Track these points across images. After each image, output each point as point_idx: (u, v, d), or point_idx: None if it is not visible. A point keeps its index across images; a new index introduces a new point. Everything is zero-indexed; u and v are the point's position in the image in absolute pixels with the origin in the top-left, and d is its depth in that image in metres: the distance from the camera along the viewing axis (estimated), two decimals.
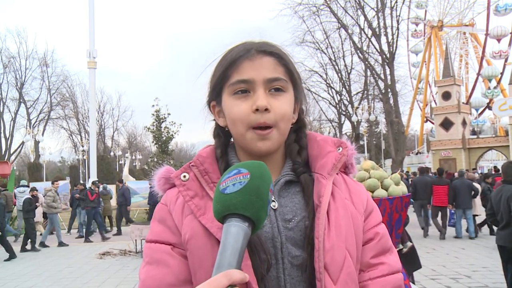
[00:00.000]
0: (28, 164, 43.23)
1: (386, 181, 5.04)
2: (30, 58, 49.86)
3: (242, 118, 1.03)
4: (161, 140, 18.88)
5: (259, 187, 0.80)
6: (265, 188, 0.81)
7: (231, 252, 0.74)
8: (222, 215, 0.80)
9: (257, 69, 1.03)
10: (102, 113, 56.92)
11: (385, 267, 1.08)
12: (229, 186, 0.80)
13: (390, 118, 34.45)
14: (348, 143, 1.15)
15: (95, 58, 23.66)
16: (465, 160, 35.78)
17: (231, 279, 0.69)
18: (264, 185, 0.81)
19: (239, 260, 0.74)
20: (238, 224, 0.77)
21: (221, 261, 0.73)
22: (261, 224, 0.81)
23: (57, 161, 66.76)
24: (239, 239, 0.76)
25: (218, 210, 0.81)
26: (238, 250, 0.74)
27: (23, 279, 9.12)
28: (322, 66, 42.56)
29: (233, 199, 0.78)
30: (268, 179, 0.82)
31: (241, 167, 0.83)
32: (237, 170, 0.82)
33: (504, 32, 44.10)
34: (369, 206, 1.14)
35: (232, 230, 0.77)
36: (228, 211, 0.79)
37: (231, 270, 0.71)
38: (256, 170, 0.82)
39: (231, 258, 0.73)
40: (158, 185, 1.15)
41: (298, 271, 1.00)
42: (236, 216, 0.78)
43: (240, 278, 0.70)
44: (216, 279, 0.69)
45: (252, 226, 0.79)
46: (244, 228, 0.77)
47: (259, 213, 0.79)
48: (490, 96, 44.97)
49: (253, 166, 0.83)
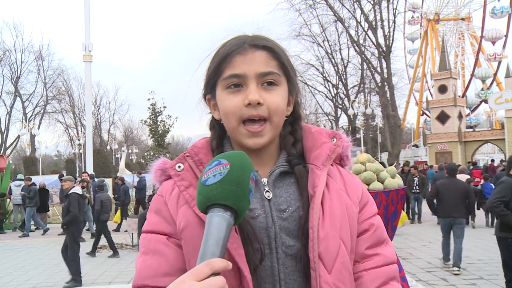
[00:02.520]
0: (24, 158, 43.08)
1: (382, 174, 5.07)
2: (25, 52, 49.57)
3: (234, 112, 1.04)
4: (157, 134, 18.89)
5: (239, 176, 0.81)
6: (245, 177, 0.82)
7: (214, 242, 0.75)
8: (204, 206, 0.81)
9: (249, 64, 1.04)
10: (99, 106, 56.74)
11: (380, 258, 1.09)
12: (210, 177, 0.82)
13: (386, 111, 34.49)
14: (343, 135, 1.15)
15: (90, 52, 23.52)
16: (461, 153, 35.92)
17: (213, 268, 0.71)
18: (244, 174, 0.82)
19: (222, 249, 0.76)
20: (220, 214, 0.79)
21: (204, 251, 0.75)
22: (243, 213, 0.82)
23: (53, 155, 66.63)
24: (222, 229, 0.77)
25: (200, 202, 0.82)
26: (221, 239, 0.76)
27: (20, 272, 9.13)
28: (318, 60, 42.50)
29: (213, 190, 0.80)
30: (248, 169, 0.84)
31: (221, 158, 0.84)
32: (217, 161, 0.83)
33: (499, 34, 44.23)
34: (364, 197, 1.14)
35: (214, 220, 0.78)
36: (210, 202, 0.80)
37: (213, 259, 0.73)
38: (236, 160, 0.83)
39: (214, 248, 0.75)
40: (155, 176, 1.15)
41: (292, 260, 1.00)
42: (218, 206, 0.79)
43: (222, 266, 0.72)
44: (198, 269, 0.71)
45: (235, 215, 0.80)
46: (226, 218, 0.78)
47: (240, 202, 0.80)
48: (483, 97, 45.20)
49: (233, 157, 0.84)
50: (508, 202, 5.31)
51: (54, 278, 8.51)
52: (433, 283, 6.98)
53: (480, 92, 46.18)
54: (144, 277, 1.01)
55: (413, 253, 9.41)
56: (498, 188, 5.67)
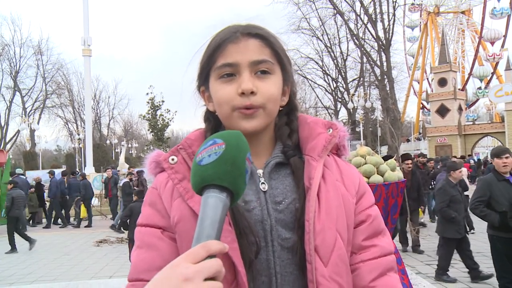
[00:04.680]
0: (24, 153, 43.13)
1: (382, 167, 5.06)
2: (24, 46, 49.52)
3: (228, 101, 1.02)
4: (156, 128, 18.84)
5: (235, 156, 0.78)
6: (241, 157, 0.79)
7: (210, 224, 0.73)
8: (199, 187, 0.78)
9: (242, 52, 1.02)
10: (98, 101, 56.72)
11: (377, 249, 1.07)
12: (204, 157, 0.78)
13: (386, 105, 34.40)
14: (339, 125, 1.14)
15: (90, 46, 23.50)
16: (461, 147, 35.93)
17: (209, 250, 0.69)
18: (240, 154, 0.79)
19: (218, 231, 0.73)
20: (216, 195, 0.76)
21: (200, 233, 0.72)
22: (240, 194, 0.79)
23: (53, 149, 66.60)
24: (218, 210, 0.74)
25: (195, 183, 0.79)
26: (217, 221, 0.73)
27: (21, 266, 9.15)
28: (318, 53, 42.50)
29: (208, 170, 0.77)
30: (244, 148, 0.81)
31: (216, 138, 0.81)
32: (212, 141, 0.80)
33: (497, 35, 44.18)
34: (361, 188, 1.13)
35: (210, 201, 0.75)
36: (205, 183, 0.77)
37: (209, 241, 0.70)
38: (232, 140, 0.80)
39: (210, 230, 0.72)
40: (149, 169, 1.14)
41: (289, 253, 0.99)
42: (213, 187, 0.76)
43: (218, 248, 0.70)
44: (194, 251, 0.69)
45: (231, 196, 0.78)
46: (222, 199, 0.76)
47: (236, 182, 0.78)
48: (481, 96, 45.22)
49: (228, 136, 0.81)
50: (488, 199, 5.28)
51: (55, 272, 8.53)
52: (433, 275, 6.99)
53: (477, 91, 46.18)
54: (139, 271, 1.01)
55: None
56: (476, 188, 5.67)
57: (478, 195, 5.38)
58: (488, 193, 5.26)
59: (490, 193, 5.27)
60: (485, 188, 5.34)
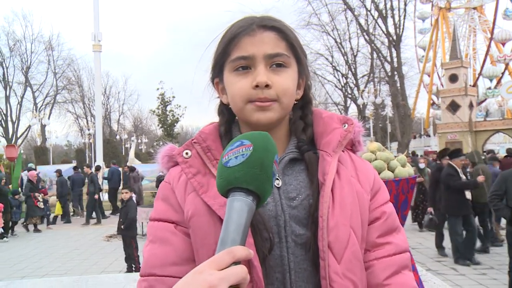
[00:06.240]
0: (35, 148, 43.42)
1: (392, 163, 5.02)
2: (35, 42, 49.71)
3: (242, 94, 1.01)
4: (166, 124, 18.90)
5: (262, 159, 0.76)
6: (269, 160, 0.77)
7: (235, 228, 0.71)
8: (225, 190, 0.77)
9: (258, 45, 1.01)
10: (108, 96, 56.91)
11: (392, 246, 1.06)
12: (231, 159, 0.77)
13: (396, 101, 34.29)
14: (354, 120, 1.12)
15: (100, 41, 23.51)
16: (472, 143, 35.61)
17: (234, 256, 0.67)
18: (268, 157, 0.77)
19: (243, 236, 0.71)
20: (242, 199, 0.74)
21: (224, 238, 0.71)
22: (266, 197, 0.77)
23: (64, 144, 67.04)
24: (243, 214, 0.72)
25: (221, 185, 0.78)
26: (242, 225, 0.71)
27: (32, 260, 9.25)
28: (328, 49, 42.24)
29: (236, 173, 0.75)
30: (272, 151, 0.79)
31: (243, 139, 0.79)
32: (239, 142, 0.79)
33: (508, 36, 43.65)
34: (376, 184, 1.11)
35: (236, 205, 0.74)
36: (231, 185, 0.75)
37: (235, 247, 0.68)
38: (260, 141, 0.78)
39: (235, 234, 0.70)
40: (162, 163, 1.13)
41: (302, 249, 0.98)
42: (239, 190, 0.75)
43: (244, 254, 0.68)
44: (219, 257, 0.67)
45: (257, 200, 0.76)
46: (248, 203, 0.74)
47: (264, 186, 0.76)
48: (490, 96, 44.77)
49: (256, 137, 0.79)
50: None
51: (66, 267, 8.60)
52: (442, 272, 6.96)
53: (487, 91, 45.72)
54: (152, 266, 1.00)
55: (422, 243, 9.38)
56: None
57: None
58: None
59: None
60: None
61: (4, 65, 47.80)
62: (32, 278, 7.53)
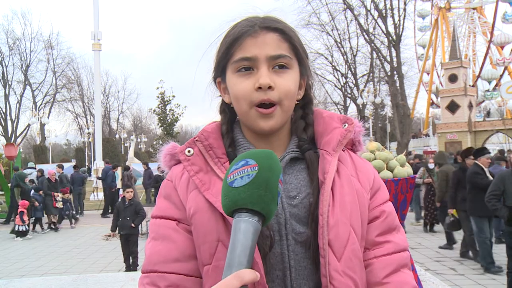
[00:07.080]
0: (34, 147, 43.37)
1: (391, 163, 5.03)
2: (35, 40, 49.65)
3: (245, 96, 1.02)
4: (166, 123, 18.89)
5: (268, 179, 0.77)
6: (274, 180, 0.78)
7: (241, 251, 0.71)
8: (231, 210, 0.77)
9: (260, 46, 1.01)
10: (108, 95, 56.90)
11: (391, 245, 1.07)
12: (236, 179, 0.77)
13: (396, 100, 34.25)
14: (354, 120, 1.13)
15: (99, 40, 23.49)
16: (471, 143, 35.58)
17: (242, 280, 0.68)
18: (273, 177, 0.78)
19: (250, 258, 0.72)
20: (248, 220, 0.74)
21: (231, 261, 0.71)
22: (271, 217, 0.78)
23: (63, 143, 67.08)
24: (249, 235, 0.73)
25: (226, 205, 0.78)
26: (248, 247, 0.72)
27: (32, 258, 9.25)
28: (327, 48, 42.19)
29: (241, 194, 0.76)
30: (277, 170, 0.79)
31: (248, 158, 0.79)
32: (244, 161, 0.79)
33: (507, 39, 43.65)
34: (376, 184, 1.12)
35: (242, 226, 0.74)
36: (237, 206, 0.76)
37: (242, 270, 0.69)
38: (265, 161, 0.78)
39: (241, 257, 0.71)
40: (164, 161, 1.15)
41: (302, 247, 0.99)
42: (245, 211, 0.75)
43: (251, 278, 0.69)
44: (227, 282, 0.67)
45: (263, 219, 0.77)
46: (253, 224, 0.74)
47: (269, 207, 0.76)
48: (489, 98, 44.80)
49: (261, 157, 0.79)
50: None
51: (65, 265, 8.60)
52: (442, 272, 6.97)
53: (486, 93, 45.73)
54: (154, 263, 1.01)
55: (421, 243, 9.39)
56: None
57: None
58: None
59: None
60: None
61: (4, 64, 47.77)
62: (31, 277, 7.53)
